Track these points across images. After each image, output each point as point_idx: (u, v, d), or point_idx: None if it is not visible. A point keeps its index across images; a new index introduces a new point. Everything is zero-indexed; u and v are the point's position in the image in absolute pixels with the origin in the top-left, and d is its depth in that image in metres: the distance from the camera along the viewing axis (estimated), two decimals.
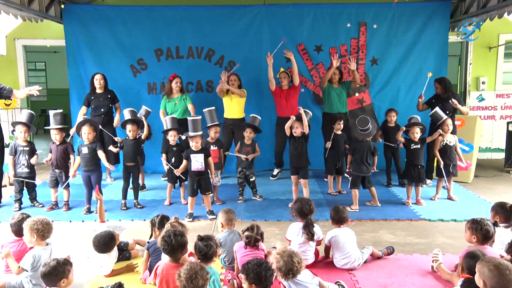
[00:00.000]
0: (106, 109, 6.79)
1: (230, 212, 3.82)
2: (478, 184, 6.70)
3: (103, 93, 6.81)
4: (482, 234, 3.28)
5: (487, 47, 8.48)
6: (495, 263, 2.50)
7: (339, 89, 6.90)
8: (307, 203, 3.80)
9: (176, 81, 6.79)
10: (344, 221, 3.90)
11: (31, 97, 7.59)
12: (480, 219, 3.35)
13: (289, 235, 3.80)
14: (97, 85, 6.75)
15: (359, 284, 3.45)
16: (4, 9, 5.99)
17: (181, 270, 2.68)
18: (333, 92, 6.85)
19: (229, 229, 3.75)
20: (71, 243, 4.38)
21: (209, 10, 7.53)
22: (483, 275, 2.52)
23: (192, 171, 5.15)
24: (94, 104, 6.79)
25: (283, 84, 6.84)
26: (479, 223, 3.30)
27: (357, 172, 5.48)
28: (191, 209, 5.21)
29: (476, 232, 3.30)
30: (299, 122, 5.50)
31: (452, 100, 6.20)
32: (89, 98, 6.81)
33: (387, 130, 6.50)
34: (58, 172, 5.48)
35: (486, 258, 2.64)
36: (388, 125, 6.51)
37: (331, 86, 6.91)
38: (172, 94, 6.86)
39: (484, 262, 2.56)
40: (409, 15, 7.45)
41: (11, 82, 8.40)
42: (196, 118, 5.29)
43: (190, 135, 5.18)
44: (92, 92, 6.82)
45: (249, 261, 2.82)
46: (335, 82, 6.89)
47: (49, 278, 2.84)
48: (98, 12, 7.49)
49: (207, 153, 5.25)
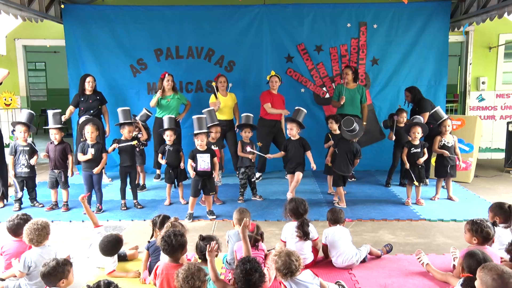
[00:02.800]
0: (95, 111, 6.72)
1: (243, 212, 3.75)
2: (478, 184, 6.70)
3: (92, 95, 6.74)
4: (482, 236, 3.25)
5: (487, 47, 8.48)
6: (499, 272, 2.35)
7: (354, 91, 6.84)
8: (302, 203, 3.80)
9: (167, 79, 6.75)
10: (341, 221, 3.91)
11: (31, 97, 7.57)
12: (480, 220, 3.32)
13: (284, 236, 3.80)
14: (88, 88, 6.67)
15: (359, 284, 3.45)
16: (4, 9, 5.99)
17: (179, 270, 2.69)
18: (346, 93, 6.79)
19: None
20: (71, 243, 4.38)
21: (209, 10, 7.53)
22: (486, 284, 2.37)
23: (198, 171, 5.09)
24: (84, 106, 6.70)
25: (274, 88, 6.83)
26: (480, 225, 3.27)
27: (338, 170, 5.53)
28: (191, 209, 5.18)
29: (476, 234, 3.27)
30: (294, 123, 5.48)
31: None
32: (78, 99, 6.73)
33: (398, 130, 6.46)
34: (58, 172, 5.48)
35: (488, 265, 2.49)
36: (399, 125, 6.47)
37: (344, 87, 6.84)
38: (164, 92, 6.85)
39: (487, 270, 2.41)
40: (409, 15, 7.46)
41: (11, 82, 8.41)
42: (201, 116, 5.26)
43: (195, 132, 5.13)
44: (81, 93, 6.74)
45: (237, 265, 2.86)
46: (349, 81, 6.82)
47: (49, 278, 2.83)
48: (98, 12, 7.50)
49: (213, 153, 5.21)
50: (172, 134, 5.71)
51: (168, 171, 5.72)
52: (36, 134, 10.91)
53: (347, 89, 6.84)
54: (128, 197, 5.67)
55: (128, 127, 5.62)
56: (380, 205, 5.60)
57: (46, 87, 14.37)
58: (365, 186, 6.11)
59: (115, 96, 7.43)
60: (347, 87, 6.84)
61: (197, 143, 5.12)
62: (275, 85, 6.81)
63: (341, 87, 6.90)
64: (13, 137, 6.97)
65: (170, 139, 5.69)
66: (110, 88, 7.41)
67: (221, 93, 6.84)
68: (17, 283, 3.28)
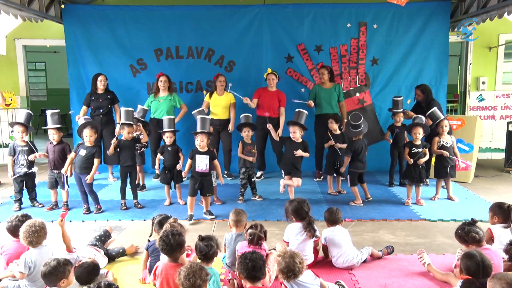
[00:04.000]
0: (105, 109, 6.83)
1: (239, 214, 3.73)
2: (478, 184, 6.70)
3: (103, 93, 6.84)
4: (472, 239, 3.31)
5: (487, 47, 8.48)
6: (508, 281, 2.40)
7: (331, 90, 6.87)
8: (304, 202, 3.80)
9: (162, 80, 6.79)
10: (338, 222, 3.91)
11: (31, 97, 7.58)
12: (463, 226, 3.40)
13: (287, 236, 3.80)
14: (100, 86, 6.78)
15: (359, 284, 3.45)
16: (4, 9, 5.99)
17: (181, 268, 2.71)
18: (323, 93, 6.85)
19: (238, 231, 3.69)
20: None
21: (209, 10, 7.53)
22: None
23: (195, 172, 5.08)
24: (94, 104, 6.82)
25: (272, 85, 6.84)
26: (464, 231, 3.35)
27: (354, 169, 5.62)
28: (191, 210, 5.12)
29: (466, 241, 3.35)
30: (297, 126, 5.47)
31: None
32: (90, 99, 6.82)
33: (394, 130, 6.48)
34: (57, 172, 5.47)
35: (498, 275, 2.54)
36: (396, 125, 6.50)
37: (320, 87, 6.92)
38: (159, 93, 6.86)
39: (496, 280, 2.46)
40: (409, 15, 7.45)
41: (11, 82, 8.41)
42: (205, 116, 5.24)
43: (197, 131, 5.09)
44: (93, 92, 6.83)
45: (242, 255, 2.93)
46: (325, 81, 6.87)
47: (50, 278, 2.83)
48: (98, 12, 7.50)
49: (213, 155, 5.18)
50: (172, 135, 5.71)
51: (164, 171, 5.71)
52: (36, 134, 10.92)
53: (323, 89, 6.89)
54: (128, 197, 5.66)
55: (128, 128, 5.62)
56: (380, 205, 5.60)
57: (46, 87, 14.35)
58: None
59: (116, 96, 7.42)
60: (324, 87, 6.90)
61: (197, 142, 5.10)
62: (272, 82, 6.81)
63: (317, 87, 6.95)
64: (13, 137, 6.97)
65: (170, 140, 5.69)
66: (110, 88, 7.40)
67: (218, 93, 6.86)
68: (17, 284, 3.28)
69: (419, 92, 6.66)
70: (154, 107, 6.86)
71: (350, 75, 7.63)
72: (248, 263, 2.86)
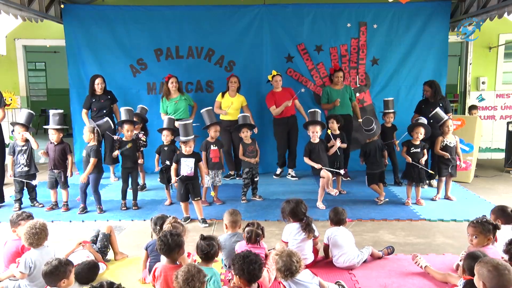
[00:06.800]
0: (108, 110, 6.86)
1: (235, 214, 3.72)
2: (478, 184, 6.70)
3: (103, 94, 6.84)
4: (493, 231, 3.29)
5: (487, 47, 8.48)
6: (494, 264, 2.49)
7: (342, 91, 6.93)
8: (302, 203, 3.79)
9: (172, 81, 6.81)
10: (343, 222, 3.91)
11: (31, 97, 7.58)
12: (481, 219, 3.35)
13: (285, 237, 3.79)
14: (98, 89, 6.79)
15: (359, 284, 3.44)
16: (4, 9, 5.99)
17: (178, 271, 2.67)
18: (336, 95, 6.88)
19: (233, 232, 3.69)
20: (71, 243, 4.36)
21: (209, 10, 7.53)
22: (482, 276, 2.50)
23: (181, 176, 4.90)
24: (96, 106, 6.84)
25: (278, 87, 6.87)
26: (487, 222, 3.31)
27: (371, 170, 5.68)
28: (186, 213, 5.09)
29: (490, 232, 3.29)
30: (318, 125, 5.57)
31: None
32: (90, 101, 6.84)
33: (384, 130, 6.49)
34: (57, 172, 5.47)
35: (484, 259, 2.63)
36: (386, 125, 6.53)
37: (331, 88, 6.93)
38: (170, 95, 6.87)
39: (483, 263, 2.54)
40: (409, 15, 7.45)
41: (11, 82, 8.42)
42: (187, 122, 5.06)
43: (181, 139, 4.93)
44: (92, 94, 6.83)
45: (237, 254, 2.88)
46: (338, 83, 6.94)
47: (50, 278, 2.82)
48: (98, 12, 7.49)
49: (198, 158, 5.06)
50: (169, 134, 5.71)
51: (162, 171, 5.71)
52: (36, 134, 10.92)
53: (335, 90, 6.93)
54: (128, 197, 5.66)
55: (128, 126, 5.62)
56: (380, 205, 5.60)
57: (46, 87, 14.36)
58: (365, 186, 6.08)
59: (115, 96, 7.41)
60: (335, 88, 6.94)
61: (184, 149, 4.95)
62: (279, 84, 6.87)
63: (328, 89, 6.98)
64: (13, 137, 6.97)
65: (167, 139, 5.69)
66: (110, 88, 7.39)
67: (230, 94, 6.89)
68: (17, 284, 3.28)
69: (427, 87, 6.58)
70: (172, 109, 6.83)
71: (350, 75, 7.63)
72: (242, 264, 2.79)
